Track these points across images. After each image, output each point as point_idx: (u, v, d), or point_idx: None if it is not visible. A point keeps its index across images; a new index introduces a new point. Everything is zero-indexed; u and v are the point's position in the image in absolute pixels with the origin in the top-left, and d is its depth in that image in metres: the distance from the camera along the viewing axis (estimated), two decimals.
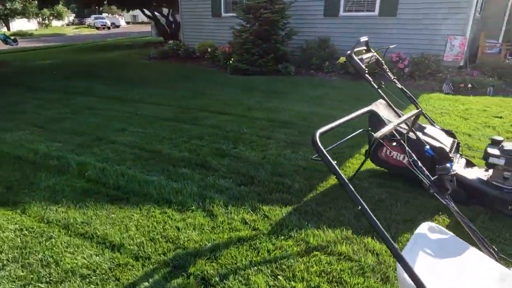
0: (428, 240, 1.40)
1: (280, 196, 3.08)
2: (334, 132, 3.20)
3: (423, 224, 1.51)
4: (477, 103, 6.03)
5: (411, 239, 1.44)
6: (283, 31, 9.49)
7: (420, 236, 1.42)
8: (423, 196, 3.02)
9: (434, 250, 1.37)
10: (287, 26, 9.50)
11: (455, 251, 1.36)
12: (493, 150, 2.89)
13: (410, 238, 1.46)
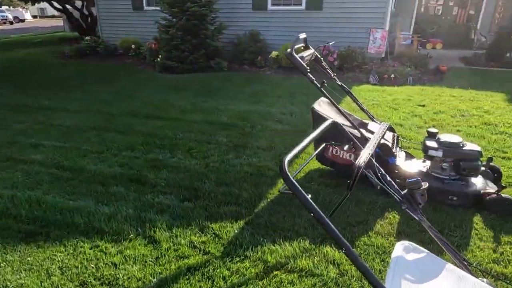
0: (407, 264, 1.29)
1: (229, 209, 2.83)
2: (289, 141, 3.05)
3: (397, 245, 1.40)
4: (402, 93, 6.43)
5: (390, 265, 1.32)
6: (213, 25, 9.13)
7: (399, 260, 1.31)
8: (371, 193, 3.02)
9: (415, 274, 1.26)
10: (217, 20, 9.16)
11: (434, 272, 1.27)
12: (431, 142, 2.99)
13: (389, 264, 1.33)
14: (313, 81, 3.06)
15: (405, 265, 1.28)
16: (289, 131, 4.51)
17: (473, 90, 6.55)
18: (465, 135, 4.37)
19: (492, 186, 2.96)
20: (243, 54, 9.27)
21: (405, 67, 8.20)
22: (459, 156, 2.88)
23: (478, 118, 4.98)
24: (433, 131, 3.09)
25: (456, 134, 3.17)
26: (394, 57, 9.20)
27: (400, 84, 7.35)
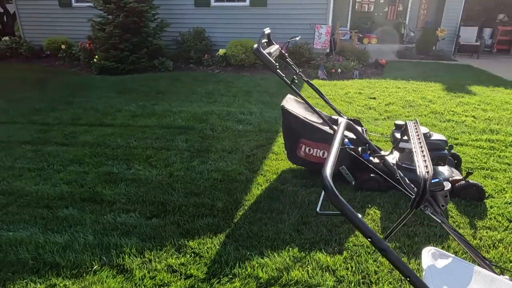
0: (440, 272, 1.20)
1: (205, 222, 2.57)
2: (254, 142, 2.77)
3: (424, 253, 1.30)
4: (352, 87, 6.61)
5: (424, 275, 1.21)
6: (154, 22, 8.58)
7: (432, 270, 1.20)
8: (348, 190, 2.97)
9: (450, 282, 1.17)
10: (157, 17, 8.62)
11: (467, 277, 1.20)
12: (400, 134, 3.02)
13: (423, 274, 1.22)
14: (283, 78, 2.91)
15: (439, 274, 1.18)
16: (252, 131, 4.33)
17: (414, 81, 6.97)
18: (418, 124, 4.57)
19: (457, 173, 3.09)
20: (189, 53, 8.86)
21: (350, 61, 8.49)
22: (427, 146, 2.94)
23: (425, 107, 5.28)
24: (400, 123, 3.13)
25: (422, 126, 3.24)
26: (337, 52, 9.50)
27: (347, 78, 7.58)
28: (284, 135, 3.24)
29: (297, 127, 3.07)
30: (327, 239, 2.38)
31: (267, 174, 3.28)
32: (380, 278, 2.05)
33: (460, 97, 5.87)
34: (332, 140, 1.31)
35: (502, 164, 3.44)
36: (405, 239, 2.38)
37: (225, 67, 8.56)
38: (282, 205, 2.77)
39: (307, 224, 2.54)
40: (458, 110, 5.14)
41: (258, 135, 4.23)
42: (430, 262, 1.22)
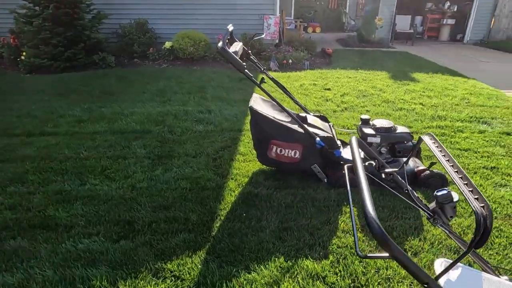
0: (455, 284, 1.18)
1: (181, 238, 2.38)
2: (218, 143, 2.62)
3: (436, 265, 1.28)
4: (305, 78, 6.66)
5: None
6: (90, 14, 7.83)
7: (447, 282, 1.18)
8: (323, 188, 2.95)
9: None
10: (93, 8, 7.87)
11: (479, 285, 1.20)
12: (368, 129, 3.07)
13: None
14: (251, 78, 2.78)
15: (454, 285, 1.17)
16: (214, 132, 4.15)
17: (362, 71, 7.23)
18: (374, 114, 4.74)
19: (419, 162, 3.23)
20: (132, 46, 8.27)
21: (299, 51, 8.56)
22: (394, 139, 3.03)
23: (377, 96, 5.49)
24: (366, 118, 3.19)
25: (385, 118, 3.34)
26: (285, 43, 9.53)
27: (298, 69, 7.63)
28: (254, 136, 3.12)
29: (267, 128, 2.96)
30: (310, 244, 2.34)
31: (238, 178, 3.15)
32: (369, 279, 2.06)
33: (406, 84, 6.21)
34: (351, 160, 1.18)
35: (455, 150, 3.69)
36: None
37: (173, 61, 8.13)
38: (259, 211, 2.67)
39: (288, 229, 2.48)
40: (406, 98, 5.42)
41: (221, 135, 4.05)
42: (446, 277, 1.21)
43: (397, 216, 2.62)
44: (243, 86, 6.06)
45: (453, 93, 5.70)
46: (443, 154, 1.21)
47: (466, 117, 4.60)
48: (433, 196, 1.29)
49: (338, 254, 2.25)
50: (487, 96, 5.59)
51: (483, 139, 3.93)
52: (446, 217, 1.25)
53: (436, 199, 1.26)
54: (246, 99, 5.37)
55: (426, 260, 2.19)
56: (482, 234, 0.88)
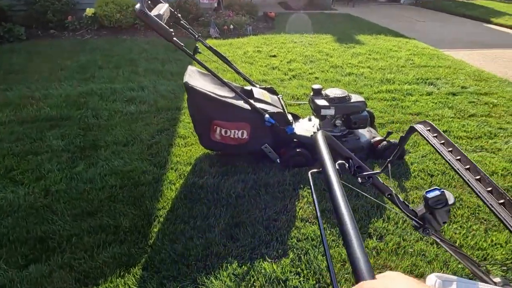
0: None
1: (110, 254, 1.93)
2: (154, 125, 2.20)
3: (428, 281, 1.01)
4: (249, 45, 6.17)
5: None
6: None
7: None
8: (276, 171, 2.64)
9: None
10: None
11: None
12: (321, 101, 2.76)
13: None
14: (181, 47, 2.28)
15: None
16: (149, 112, 3.59)
17: (307, 35, 6.90)
18: (323, 81, 4.48)
19: (375, 133, 3.03)
20: (45, 15, 7.03)
21: (240, 16, 7.96)
22: (349, 110, 2.77)
23: (325, 62, 5.22)
24: (317, 88, 2.87)
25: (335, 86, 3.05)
26: (225, 7, 8.82)
27: (241, 35, 7.09)
28: (193, 117, 2.67)
29: (208, 107, 2.52)
30: (267, 240, 2.03)
31: (179, 167, 2.71)
32: (337, 274, 1.81)
33: (351, 47, 6.02)
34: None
35: (407, 115, 3.56)
36: None
37: (98, 31, 7.10)
38: (205, 206, 2.29)
39: (240, 225, 2.14)
40: (354, 61, 5.23)
41: (156, 116, 3.52)
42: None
43: (357, 195, 2.40)
44: (181, 57, 5.42)
45: (397, 55, 5.62)
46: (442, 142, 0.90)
47: (413, 79, 4.53)
48: (422, 197, 1.00)
49: (298, 249, 1.97)
50: (429, 56, 5.60)
51: (431, 101, 3.86)
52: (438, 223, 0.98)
53: (426, 202, 0.96)
54: (184, 71, 4.78)
55: (392, 243, 2.00)
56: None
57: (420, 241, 2.03)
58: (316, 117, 2.87)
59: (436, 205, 0.94)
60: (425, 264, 1.88)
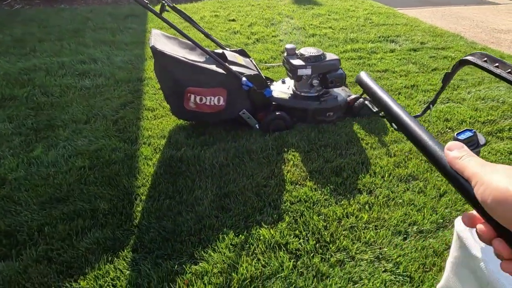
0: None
1: (92, 239, 1.74)
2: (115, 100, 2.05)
3: (457, 223, 0.99)
4: (204, 9, 5.82)
5: (469, 247, 0.90)
6: None
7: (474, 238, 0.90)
8: (257, 137, 2.54)
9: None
10: None
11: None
12: (297, 61, 2.66)
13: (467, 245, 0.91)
14: (147, 6, 2.04)
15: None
16: (107, 86, 3.26)
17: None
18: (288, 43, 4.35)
19: (349, 91, 3.02)
20: None
21: None
22: (325, 69, 2.70)
23: (286, 24, 5.08)
24: (291, 47, 2.75)
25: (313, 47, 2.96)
26: None
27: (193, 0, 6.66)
28: (163, 85, 2.45)
29: (179, 73, 2.32)
30: (260, 207, 1.96)
31: (152, 141, 2.51)
32: (333, 233, 1.81)
33: (310, 9, 5.91)
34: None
35: (375, 72, 3.59)
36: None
37: (29, 0, 6.27)
38: (189, 179, 2.15)
39: (230, 195, 2.04)
40: (315, 22, 5.14)
41: (117, 89, 3.21)
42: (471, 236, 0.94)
43: (341, 154, 2.39)
44: (133, 25, 4.98)
45: (356, 14, 5.62)
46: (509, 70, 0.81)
47: (375, 37, 4.56)
48: (453, 138, 0.96)
49: (293, 212, 1.93)
50: (386, 15, 5.66)
51: (396, 58, 3.93)
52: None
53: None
54: (140, 40, 4.42)
55: (382, 196, 2.03)
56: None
57: (407, 191, 2.08)
58: (292, 78, 2.77)
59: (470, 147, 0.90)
60: (416, 212, 1.93)
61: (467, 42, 4.56)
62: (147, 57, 3.91)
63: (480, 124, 2.73)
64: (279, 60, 3.82)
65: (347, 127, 2.68)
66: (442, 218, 1.90)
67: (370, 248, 1.73)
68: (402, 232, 1.82)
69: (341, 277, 1.59)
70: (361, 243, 1.76)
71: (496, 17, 6.19)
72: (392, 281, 1.57)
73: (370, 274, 1.60)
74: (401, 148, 2.45)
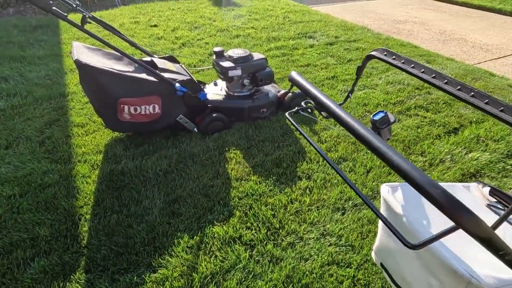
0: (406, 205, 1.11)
1: (38, 269, 1.65)
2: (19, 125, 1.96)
3: (383, 190, 1.17)
4: (123, 16, 5.60)
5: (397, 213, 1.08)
6: None
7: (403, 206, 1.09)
8: (197, 140, 2.59)
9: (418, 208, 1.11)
10: None
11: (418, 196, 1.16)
12: (226, 63, 2.76)
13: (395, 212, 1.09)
14: (65, 18, 1.96)
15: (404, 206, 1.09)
16: (26, 105, 3.01)
17: (183, 0, 6.62)
18: (213, 46, 4.44)
19: (278, 87, 3.21)
20: None
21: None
22: (254, 68, 2.84)
23: (210, 26, 5.14)
24: (219, 50, 2.85)
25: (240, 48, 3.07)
26: None
27: (110, 6, 6.38)
28: (92, 99, 2.36)
29: (109, 85, 2.26)
30: (210, 207, 2.03)
31: (88, 158, 2.41)
32: (281, 220, 1.95)
33: (231, 10, 6.05)
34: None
35: (299, 67, 3.85)
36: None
37: None
38: (134, 191, 2.12)
39: (179, 200, 2.07)
40: (238, 23, 5.30)
41: (37, 107, 2.98)
42: (394, 198, 1.13)
43: (279, 146, 2.56)
44: (44, 36, 4.61)
45: (274, 13, 5.91)
46: (412, 66, 1.00)
47: (295, 34, 4.87)
48: (370, 120, 1.14)
49: (242, 206, 2.04)
50: (302, 12, 6.05)
51: (315, 52, 4.25)
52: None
53: (374, 125, 1.11)
54: (55, 52, 4.12)
55: (320, 180, 2.24)
56: None
57: None
58: (223, 79, 2.86)
59: (382, 125, 1.09)
60: (349, 189, 2.17)
61: (373, 33, 5.10)
62: (67, 70, 3.68)
63: (392, 105, 3.13)
64: (208, 63, 3.89)
65: (281, 121, 2.86)
66: (371, 191, 2.17)
67: (315, 227, 1.91)
68: (340, 208, 2.04)
69: (294, 257, 1.74)
70: (307, 224, 1.93)
71: (394, 9, 6.99)
72: (337, 252, 1.77)
73: (318, 250, 1.78)
74: (330, 134, 2.70)
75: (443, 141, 2.63)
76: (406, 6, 7.26)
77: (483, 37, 5.35)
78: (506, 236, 1.09)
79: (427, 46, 4.80)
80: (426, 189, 0.57)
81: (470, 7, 7.25)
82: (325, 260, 1.72)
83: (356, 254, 1.76)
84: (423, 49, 4.59)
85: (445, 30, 5.66)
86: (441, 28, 5.73)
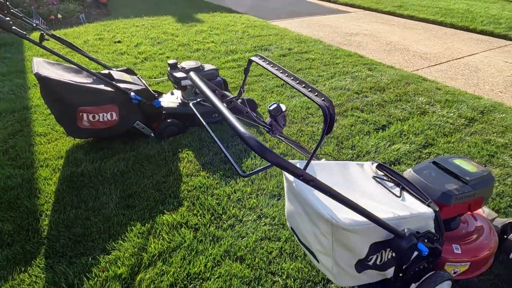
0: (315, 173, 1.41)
1: (3, 257, 1.84)
2: None
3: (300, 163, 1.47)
4: (87, 33, 5.81)
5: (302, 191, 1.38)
6: None
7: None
8: (153, 144, 2.85)
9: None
10: None
11: (325, 172, 1.47)
12: (179, 74, 3.06)
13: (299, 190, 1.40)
14: (24, 36, 2.21)
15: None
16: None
17: (148, 17, 6.91)
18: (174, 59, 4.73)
19: (230, 95, 3.53)
20: None
21: (67, 3, 7.28)
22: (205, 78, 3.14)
23: (172, 41, 5.44)
24: (173, 62, 3.15)
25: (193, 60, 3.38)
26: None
27: (74, 24, 6.56)
28: (52, 109, 2.58)
29: (68, 96, 2.49)
30: (161, 199, 2.29)
31: (50, 163, 2.61)
32: (224, 207, 2.23)
33: (194, 26, 6.39)
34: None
35: (252, 76, 4.20)
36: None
37: None
38: (93, 189, 2.35)
39: (133, 195, 2.32)
40: (198, 38, 5.63)
41: (1, 120, 3.15)
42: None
43: (227, 146, 2.86)
44: (7, 54, 4.75)
45: (235, 28, 6.29)
46: (276, 68, 1.32)
47: (251, 47, 5.25)
48: (267, 110, 1.46)
49: (190, 197, 2.31)
50: (261, 27, 6.47)
51: None
52: (280, 126, 1.46)
53: (270, 113, 1.43)
54: (19, 69, 4.29)
55: (261, 173, 2.54)
56: (329, 122, 1.03)
57: None
58: (178, 89, 3.15)
59: (276, 113, 1.42)
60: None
61: (325, 45, 5.56)
62: (30, 85, 3.85)
63: None
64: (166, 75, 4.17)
65: None
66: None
67: (253, 211, 2.21)
68: (276, 195, 2.34)
69: (232, 236, 2.02)
70: (247, 209, 2.22)
71: (348, 23, 7.56)
72: (270, 230, 2.07)
73: (254, 229, 2.07)
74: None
75: (372, 136, 3.02)
76: (359, 20, 7.85)
77: (424, 47, 5.94)
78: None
79: (373, 55, 5.29)
80: (245, 139, 0.87)
81: (415, 20, 7.95)
82: (259, 237, 2.02)
83: (285, 230, 2.06)
84: (367, 58, 5.07)
85: (391, 41, 6.21)
86: (388, 40, 6.29)
